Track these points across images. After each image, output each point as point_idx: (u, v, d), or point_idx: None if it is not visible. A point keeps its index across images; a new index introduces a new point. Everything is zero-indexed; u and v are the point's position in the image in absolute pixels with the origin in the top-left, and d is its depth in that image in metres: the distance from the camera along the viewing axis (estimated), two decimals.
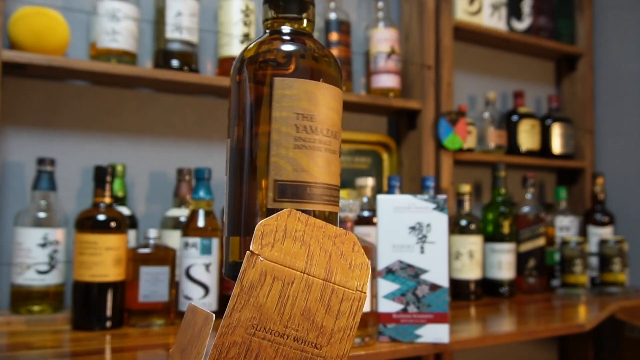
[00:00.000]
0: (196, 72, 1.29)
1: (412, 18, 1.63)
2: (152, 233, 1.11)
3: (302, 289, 0.53)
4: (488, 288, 1.54)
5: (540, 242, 1.63)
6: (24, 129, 1.23)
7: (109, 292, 1.04)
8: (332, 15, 1.46)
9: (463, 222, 1.48)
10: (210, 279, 1.11)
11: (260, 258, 0.52)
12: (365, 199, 1.33)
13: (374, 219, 1.27)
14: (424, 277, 0.96)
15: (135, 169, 1.32)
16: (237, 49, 1.31)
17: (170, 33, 1.25)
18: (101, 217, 1.04)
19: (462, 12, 1.69)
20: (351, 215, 0.95)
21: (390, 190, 1.38)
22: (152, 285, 1.08)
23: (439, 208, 0.97)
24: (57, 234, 1.12)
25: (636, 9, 1.91)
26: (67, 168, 1.25)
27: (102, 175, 1.06)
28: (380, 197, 0.98)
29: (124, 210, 1.20)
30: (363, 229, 1.27)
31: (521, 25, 1.85)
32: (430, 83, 1.58)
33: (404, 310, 0.96)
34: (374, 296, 0.96)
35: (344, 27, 1.46)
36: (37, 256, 1.09)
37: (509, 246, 1.55)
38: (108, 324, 1.03)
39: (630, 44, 1.92)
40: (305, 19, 0.56)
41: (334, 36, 1.45)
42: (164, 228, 1.24)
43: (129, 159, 1.31)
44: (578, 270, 1.56)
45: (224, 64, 1.32)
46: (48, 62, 1.11)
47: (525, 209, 1.63)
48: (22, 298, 1.09)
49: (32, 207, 1.12)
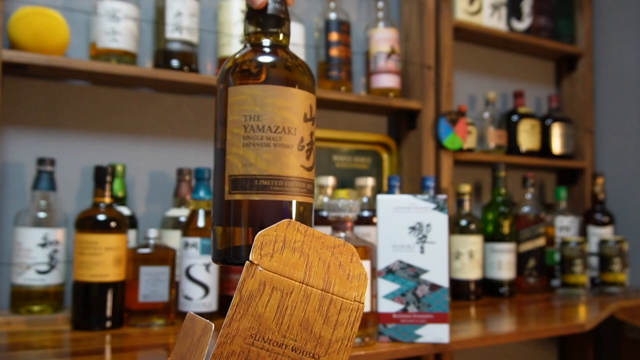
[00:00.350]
0: (196, 72, 1.29)
1: (412, 18, 1.63)
2: (152, 233, 1.11)
3: (300, 299, 0.53)
4: (488, 288, 1.54)
5: (540, 242, 1.63)
6: (24, 129, 1.23)
7: (109, 292, 1.04)
8: (332, 15, 1.46)
9: (463, 222, 1.48)
10: (211, 279, 1.11)
11: (260, 268, 0.52)
12: (365, 199, 1.33)
13: (374, 219, 1.27)
14: (424, 277, 0.96)
15: (135, 169, 1.32)
16: (237, 49, 1.31)
17: (170, 33, 1.25)
18: (101, 217, 1.04)
19: (462, 12, 1.69)
20: (351, 215, 0.95)
21: (390, 190, 1.38)
22: (152, 285, 1.08)
23: (439, 208, 0.97)
24: (57, 234, 1.12)
25: (636, 9, 1.91)
26: (67, 168, 1.25)
27: (102, 175, 1.06)
28: (380, 197, 0.98)
29: (124, 210, 1.20)
30: (363, 229, 1.27)
31: (521, 25, 1.85)
32: (430, 83, 1.58)
33: (404, 310, 0.96)
34: (374, 296, 0.96)
35: (344, 27, 1.46)
36: (37, 256, 1.09)
37: (509, 246, 1.55)
38: (108, 324, 1.03)
39: (630, 44, 1.92)
40: (281, 33, 0.61)
41: (334, 36, 1.45)
42: (164, 228, 1.24)
43: (129, 159, 1.31)
44: (578, 270, 1.56)
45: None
46: (48, 62, 1.11)
47: (525, 209, 1.63)
48: (22, 298, 1.09)
49: (32, 207, 1.12)
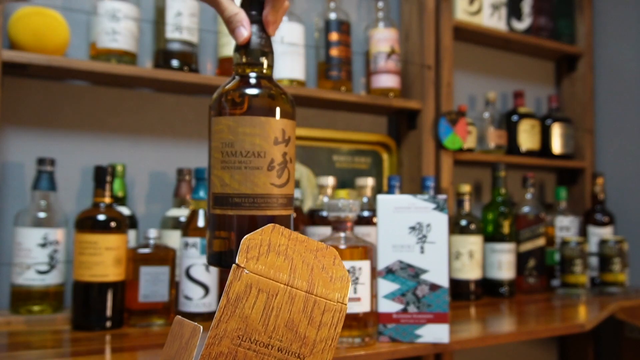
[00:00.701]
0: (196, 72, 1.29)
1: (412, 18, 1.63)
2: (152, 233, 1.11)
3: (285, 301, 0.55)
4: (488, 288, 1.54)
5: (540, 242, 1.63)
6: (24, 129, 1.23)
7: (109, 292, 1.04)
8: (332, 15, 1.46)
9: (463, 222, 1.48)
10: (211, 279, 1.11)
11: (246, 271, 0.54)
12: (365, 199, 1.33)
13: (374, 219, 1.27)
14: (424, 277, 0.96)
15: (135, 169, 1.32)
16: None
17: (170, 33, 1.25)
18: (101, 217, 1.04)
19: (462, 12, 1.69)
20: (351, 215, 0.95)
21: (390, 190, 1.38)
22: (152, 285, 1.08)
23: (439, 208, 0.97)
24: (57, 234, 1.12)
25: (636, 9, 1.91)
26: (67, 168, 1.25)
27: (102, 175, 1.06)
28: (380, 197, 0.98)
29: (124, 210, 1.20)
30: (363, 229, 1.27)
31: (521, 25, 1.85)
32: (430, 83, 1.58)
33: (404, 310, 0.96)
34: (374, 296, 0.96)
35: (344, 27, 1.46)
36: (37, 256, 1.09)
37: (509, 246, 1.55)
38: (108, 324, 1.03)
39: (630, 44, 1.92)
40: (265, 64, 0.67)
41: (334, 36, 1.44)
42: (164, 228, 1.24)
43: (129, 159, 1.31)
44: (578, 270, 1.56)
45: (224, 64, 1.32)
46: (48, 62, 1.11)
47: (525, 209, 1.63)
48: (22, 298, 1.09)
49: (32, 207, 1.12)
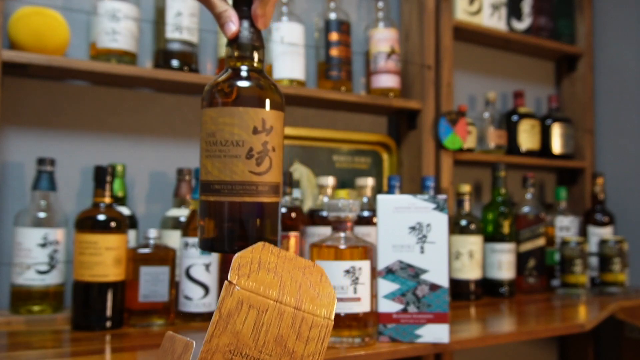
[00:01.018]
0: (196, 72, 1.29)
1: (412, 18, 1.63)
2: (152, 233, 1.11)
3: (275, 317, 0.57)
4: (488, 288, 1.54)
5: (540, 242, 1.63)
6: (24, 129, 1.23)
7: (109, 292, 1.04)
8: (332, 15, 1.46)
9: (463, 222, 1.48)
10: (211, 279, 1.11)
11: (237, 287, 0.56)
12: (365, 199, 1.33)
13: (374, 219, 1.27)
14: (424, 277, 0.96)
15: (135, 169, 1.32)
16: None
17: (170, 33, 1.25)
18: (101, 217, 1.04)
19: (462, 12, 1.69)
20: (351, 215, 0.95)
21: (390, 190, 1.38)
22: (152, 285, 1.08)
23: (439, 208, 0.97)
24: (57, 234, 1.12)
25: (636, 9, 1.91)
26: (67, 168, 1.25)
27: (102, 175, 1.06)
28: (380, 197, 0.98)
29: (124, 210, 1.20)
30: (363, 229, 1.27)
31: (521, 25, 1.85)
32: (430, 83, 1.58)
33: (404, 310, 0.96)
34: (374, 296, 0.96)
35: (344, 27, 1.46)
36: (37, 256, 1.09)
37: (509, 246, 1.55)
38: (108, 324, 1.03)
39: (630, 44, 1.92)
40: (255, 58, 0.70)
41: (334, 36, 1.44)
42: (164, 228, 1.24)
43: (129, 159, 1.31)
44: (578, 270, 1.56)
45: (224, 64, 1.32)
46: (48, 62, 1.11)
47: (525, 209, 1.63)
48: (22, 298, 1.09)
49: (32, 207, 1.12)
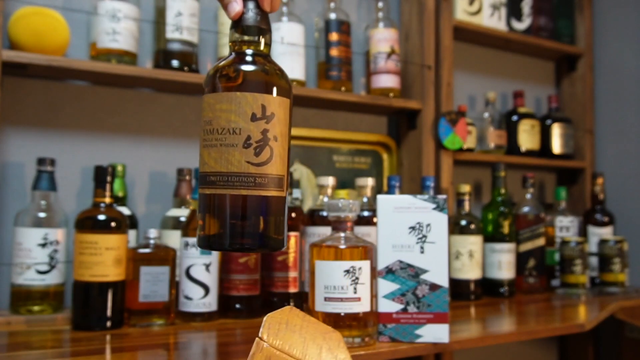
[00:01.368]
0: (196, 72, 1.29)
1: (412, 18, 1.63)
2: (152, 233, 1.11)
3: None
4: (488, 288, 1.54)
5: (540, 242, 1.63)
6: (24, 129, 1.23)
7: (109, 292, 1.04)
8: (332, 15, 1.46)
9: (463, 222, 1.48)
10: (211, 279, 1.11)
11: (266, 344, 0.62)
12: (365, 199, 1.33)
13: (374, 219, 1.27)
14: (424, 277, 0.96)
15: (135, 169, 1.32)
16: None
17: (171, 33, 1.25)
18: (101, 217, 1.04)
19: (462, 12, 1.69)
20: (351, 215, 0.95)
21: (390, 190, 1.38)
22: (152, 285, 1.08)
23: (439, 208, 0.97)
24: (57, 234, 1.12)
25: (636, 9, 1.91)
26: (67, 168, 1.25)
27: (102, 175, 1.06)
28: (380, 197, 0.98)
29: (124, 210, 1.20)
30: (363, 229, 1.27)
31: (521, 25, 1.85)
32: (430, 83, 1.58)
33: (404, 310, 0.96)
34: (374, 296, 0.96)
35: (344, 27, 1.46)
36: (37, 256, 1.09)
37: (508, 246, 1.55)
38: (108, 324, 1.03)
39: (630, 44, 1.92)
40: (262, 42, 0.65)
41: (334, 36, 1.45)
42: (164, 228, 1.24)
43: (129, 159, 1.31)
44: (578, 270, 1.56)
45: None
46: (48, 62, 1.11)
47: (525, 209, 1.63)
48: (22, 298, 1.09)
49: (32, 207, 1.12)
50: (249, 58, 0.64)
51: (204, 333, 1.04)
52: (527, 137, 1.78)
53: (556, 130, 1.85)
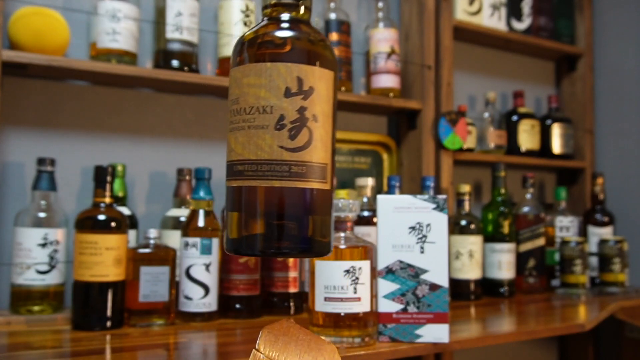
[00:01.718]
0: (196, 72, 1.29)
1: (412, 18, 1.63)
2: (152, 233, 1.11)
3: None
4: (488, 288, 1.54)
5: (540, 242, 1.63)
6: (24, 129, 1.23)
7: (109, 292, 1.04)
8: (332, 15, 1.46)
9: (463, 222, 1.48)
10: (211, 279, 1.11)
11: (262, 356, 0.64)
12: (365, 199, 1.33)
13: (374, 219, 1.27)
14: (424, 277, 0.96)
15: (135, 169, 1.32)
16: None
17: (171, 33, 1.25)
18: (101, 217, 1.04)
19: (462, 12, 1.69)
20: (351, 215, 0.95)
21: (390, 190, 1.38)
22: (152, 285, 1.08)
23: (439, 208, 0.97)
24: (57, 234, 1.12)
25: (636, 9, 1.91)
26: (67, 168, 1.25)
27: (102, 175, 1.06)
28: (380, 197, 0.98)
29: (124, 210, 1.20)
30: (363, 229, 1.27)
31: (521, 25, 1.85)
32: (430, 83, 1.58)
33: (404, 310, 0.96)
34: (374, 296, 0.96)
35: (344, 27, 1.46)
36: (37, 256, 1.09)
37: (508, 246, 1.55)
38: (108, 324, 1.03)
39: (630, 44, 1.92)
40: (302, 6, 0.56)
41: (334, 36, 1.44)
42: (164, 228, 1.24)
43: (129, 159, 1.31)
44: (578, 270, 1.56)
45: (224, 64, 1.32)
46: (48, 62, 1.11)
47: (525, 209, 1.63)
48: (22, 298, 1.09)
49: (32, 207, 1.12)
50: (285, 24, 0.55)
51: (204, 333, 1.04)
52: (527, 137, 1.78)
53: (556, 130, 1.85)
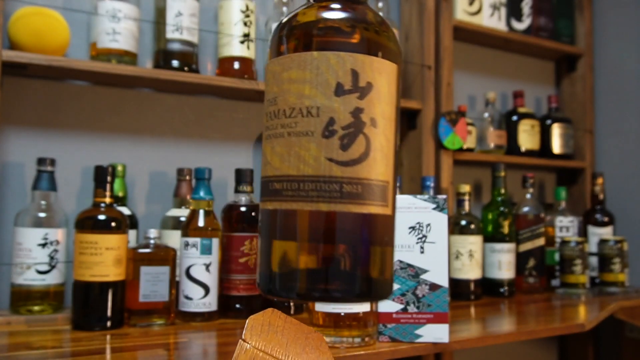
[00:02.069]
0: (196, 72, 1.29)
1: (412, 18, 1.63)
2: (152, 233, 1.11)
3: None
4: (488, 288, 1.54)
5: (540, 242, 1.63)
6: (24, 129, 1.23)
7: (109, 292, 1.04)
8: None
9: (463, 222, 1.48)
10: (210, 279, 1.11)
11: (249, 346, 0.63)
12: None
13: None
14: (424, 277, 0.96)
15: (135, 169, 1.32)
16: (237, 49, 1.31)
17: (171, 33, 1.25)
18: (101, 217, 1.04)
19: (462, 12, 1.69)
20: None
21: None
22: (152, 285, 1.08)
23: (439, 208, 0.97)
24: (57, 234, 1.12)
25: (636, 9, 1.91)
26: (67, 168, 1.25)
27: (102, 175, 1.06)
28: None
29: (124, 210, 1.20)
30: None
31: (521, 25, 1.85)
32: (430, 83, 1.58)
33: (404, 310, 0.96)
34: None
35: None
36: (37, 256, 1.09)
37: (508, 246, 1.55)
38: (108, 324, 1.03)
39: (630, 44, 1.92)
40: None
41: None
42: (164, 228, 1.24)
43: (129, 159, 1.31)
44: (578, 270, 1.56)
45: (224, 64, 1.32)
46: (48, 62, 1.11)
47: (525, 209, 1.63)
48: (22, 298, 1.09)
49: (32, 207, 1.12)
50: (335, 4, 0.44)
51: (204, 333, 1.04)
52: (527, 137, 1.78)
53: (556, 130, 1.85)
